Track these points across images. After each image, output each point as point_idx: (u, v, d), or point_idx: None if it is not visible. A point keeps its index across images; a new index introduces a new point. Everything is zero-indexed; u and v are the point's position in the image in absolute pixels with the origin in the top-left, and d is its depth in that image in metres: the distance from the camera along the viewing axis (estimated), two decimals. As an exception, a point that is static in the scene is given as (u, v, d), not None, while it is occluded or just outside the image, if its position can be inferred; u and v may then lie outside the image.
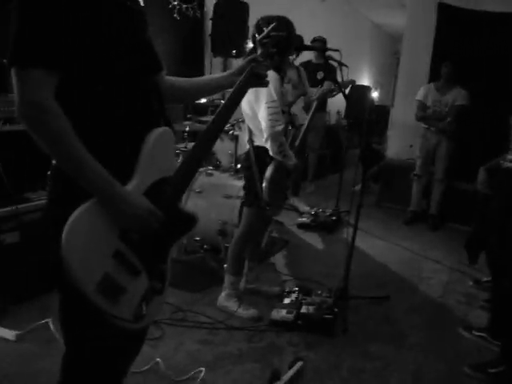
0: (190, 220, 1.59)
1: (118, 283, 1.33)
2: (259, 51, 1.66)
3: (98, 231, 1.29)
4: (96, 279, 1.27)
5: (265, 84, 1.67)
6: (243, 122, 3.41)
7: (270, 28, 1.68)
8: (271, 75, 2.74)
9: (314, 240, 4.82)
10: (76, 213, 1.23)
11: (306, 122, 3.36)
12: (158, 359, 2.51)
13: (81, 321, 1.40)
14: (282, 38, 1.75)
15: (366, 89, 8.93)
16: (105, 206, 1.28)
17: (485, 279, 3.87)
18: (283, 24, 2.69)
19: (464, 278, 4.09)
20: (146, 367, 2.45)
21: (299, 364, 2.56)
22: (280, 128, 2.78)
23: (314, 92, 3.90)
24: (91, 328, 1.39)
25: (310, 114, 3.45)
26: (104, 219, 1.29)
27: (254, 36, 2.71)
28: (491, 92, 5.39)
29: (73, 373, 1.51)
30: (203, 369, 2.47)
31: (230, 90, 1.59)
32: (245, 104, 2.91)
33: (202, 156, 1.59)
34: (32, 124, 1.20)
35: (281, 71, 2.91)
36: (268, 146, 2.83)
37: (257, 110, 2.85)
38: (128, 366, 1.80)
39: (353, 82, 4.77)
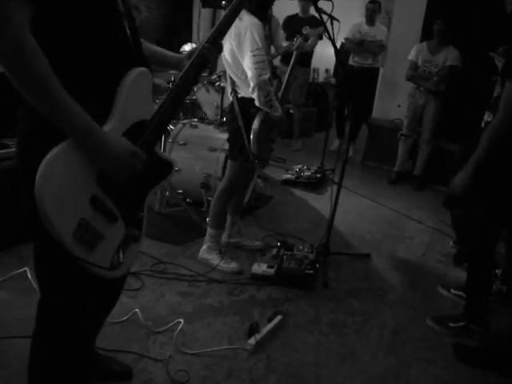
0: (166, 165, 1.56)
1: (94, 230, 1.28)
2: None
3: (74, 175, 1.22)
4: (72, 225, 1.21)
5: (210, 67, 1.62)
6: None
7: None
8: (254, 21, 2.62)
9: (297, 197, 4.79)
10: (50, 155, 1.15)
11: (287, 74, 3.26)
12: (137, 310, 2.49)
13: (56, 267, 1.36)
14: None
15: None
16: (86, 149, 1.21)
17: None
18: None
19: (445, 238, 4.12)
20: (125, 318, 2.44)
21: (279, 317, 2.57)
22: (266, 77, 2.66)
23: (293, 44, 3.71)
24: (66, 275, 1.36)
25: (291, 64, 3.34)
26: (81, 163, 1.22)
27: None
28: (484, 51, 5.25)
29: (48, 320, 1.48)
30: (182, 320, 2.46)
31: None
32: (226, 52, 2.78)
33: (178, 101, 1.52)
34: (7, 62, 1.07)
35: (264, 19, 2.74)
36: (254, 96, 2.72)
37: (240, 58, 2.72)
38: (104, 316, 1.79)
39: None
